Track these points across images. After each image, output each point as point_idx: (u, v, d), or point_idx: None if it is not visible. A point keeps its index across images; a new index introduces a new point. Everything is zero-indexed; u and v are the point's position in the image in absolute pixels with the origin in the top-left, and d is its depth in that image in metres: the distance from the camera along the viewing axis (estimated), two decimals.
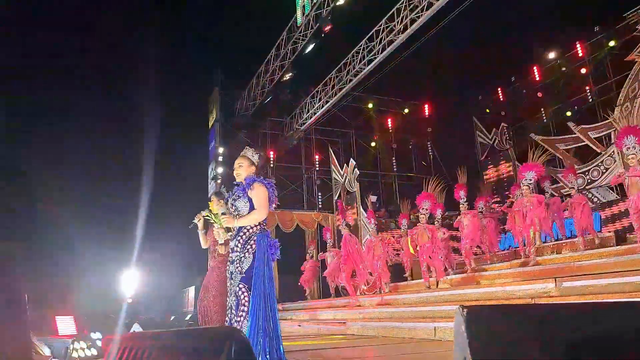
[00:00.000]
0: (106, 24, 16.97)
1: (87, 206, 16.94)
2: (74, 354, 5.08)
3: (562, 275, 6.02)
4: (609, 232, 9.40)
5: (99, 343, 5.43)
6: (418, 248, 8.40)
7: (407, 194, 16.45)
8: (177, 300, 18.01)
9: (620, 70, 13.55)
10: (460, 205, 8.46)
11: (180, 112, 18.52)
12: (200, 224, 4.85)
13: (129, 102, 17.72)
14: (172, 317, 12.00)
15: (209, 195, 6.93)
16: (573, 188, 8.53)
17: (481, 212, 9.43)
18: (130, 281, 16.70)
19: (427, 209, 8.51)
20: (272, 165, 15.80)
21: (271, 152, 15.95)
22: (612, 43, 13.88)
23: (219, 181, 15.06)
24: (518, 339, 1.07)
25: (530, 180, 7.73)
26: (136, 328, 5.55)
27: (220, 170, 15.25)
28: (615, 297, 4.58)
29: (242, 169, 3.53)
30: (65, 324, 6.29)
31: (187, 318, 11.84)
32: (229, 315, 3.38)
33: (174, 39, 18.55)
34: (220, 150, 15.48)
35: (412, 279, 10.13)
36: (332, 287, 11.23)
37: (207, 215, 4.91)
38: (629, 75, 13.08)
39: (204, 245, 4.95)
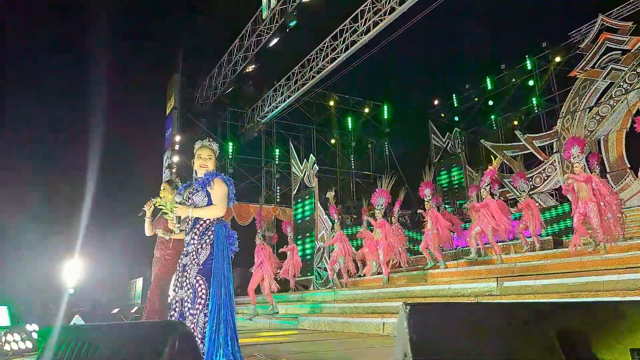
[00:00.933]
0: None
1: (28, 191, 16.08)
2: (6, 347, 4.82)
3: (504, 276, 6.44)
4: (548, 236, 10.06)
5: (34, 335, 5.21)
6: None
7: (364, 191, 16.83)
8: (124, 292, 17.45)
9: (564, 85, 14.50)
10: (426, 203, 8.65)
11: (136, 95, 17.88)
12: (149, 212, 4.75)
13: (79, 82, 16.90)
14: (117, 310, 11.62)
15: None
16: (524, 192, 8.98)
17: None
18: (73, 271, 16.01)
19: (382, 205, 8.72)
20: (230, 157, 15.62)
21: (230, 144, 15.75)
22: (557, 59, 14.82)
23: (173, 170, 14.70)
24: (454, 334, 1.20)
25: (488, 184, 8.10)
26: (77, 320, 5.36)
27: (175, 159, 14.88)
28: (550, 297, 4.97)
29: (211, 161, 3.47)
30: None
31: (133, 311, 11.50)
32: (180, 309, 3.35)
33: (135, 19, 17.82)
34: (177, 138, 15.10)
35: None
36: (293, 282, 11.24)
37: (160, 204, 4.83)
38: (571, 90, 14.01)
39: (147, 233, 4.81)
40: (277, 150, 16.80)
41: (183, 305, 3.32)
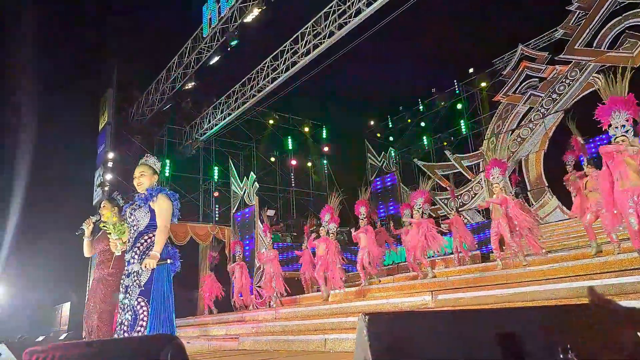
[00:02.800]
0: None
1: None
2: None
3: (438, 289, 6.76)
4: (476, 250, 10.70)
5: None
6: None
7: (305, 209, 16.96)
8: (48, 318, 16.12)
9: (489, 108, 15.66)
10: (360, 221, 8.87)
11: (67, 110, 16.88)
12: (87, 231, 4.55)
13: (6, 95, 15.73)
14: (42, 337, 10.71)
15: (99, 202, 6.44)
16: (453, 209, 9.52)
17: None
18: None
19: (327, 222, 8.85)
20: (167, 175, 15.13)
21: (167, 161, 15.27)
22: (483, 84, 16.01)
23: (106, 188, 13.98)
24: (410, 339, 1.31)
25: (420, 205, 8.48)
26: (2, 350, 4.93)
27: (108, 176, 14.16)
28: (482, 308, 5.30)
29: (145, 178, 3.41)
30: None
31: (62, 338, 10.67)
32: (120, 333, 3.23)
33: (70, 27, 16.94)
34: (110, 155, 14.40)
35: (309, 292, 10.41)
36: (239, 302, 10.96)
37: (104, 225, 4.62)
38: (495, 113, 15.17)
39: (87, 254, 4.62)
40: (216, 168, 16.52)
41: (121, 329, 3.20)
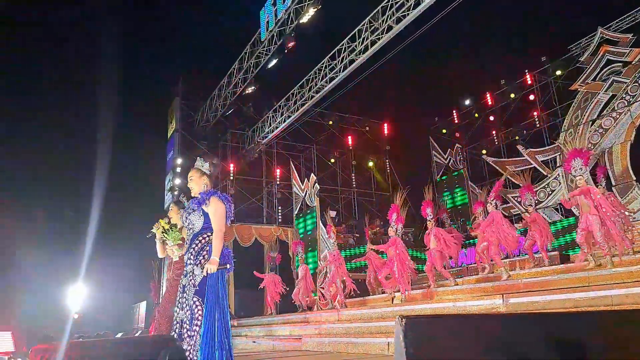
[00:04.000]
0: (66, 27, 16.44)
1: (34, 217, 16.13)
2: None
3: (510, 292, 6.27)
4: (554, 251, 9.88)
5: None
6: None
7: (367, 210, 16.72)
8: (127, 317, 17.27)
9: (565, 98, 14.46)
10: (428, 222, 8.53)
11: (138, 121, 18.10)
12: (158, 233, 4.74)
13: (84, 109, 17.14)
14: (120, 334, 11.45)
15: (168, 205, 6.75)
16: (530, 206, 8.82)
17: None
18: (77, 296, 15.89)
19: (395, 222, 8.56)
20: (231, 178, 15.61)
21: (231, 165, 15.77)
22: (558, 72, 14.82)
23: (175, 192, 14.73)
24: (449, 344, 1.13)
25: (494, 199, 7.98)
26: None
27: (177, 181, 14.92)
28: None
29: (193, 182, 3.51)
30: (2, 340, 5.90)
31: (137, 334, 11.35)
32: (180, 330, 3.28)
33: (137, 46, 18.18)
34: (179, 161, 15.17)
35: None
36: (306, 302, 10.99)
37: (164, 233, 4.81)
38: (573, 103, 13.98)
39: (160, 255, 4.84)
40: (277, 170, 16.79)
41: (182, 327, 3.28)
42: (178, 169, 15.03)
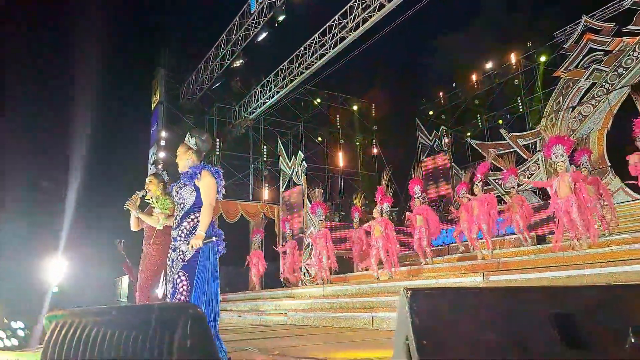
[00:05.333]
0: None
1: (10, 187, 15.78)
2: None
3: (490, 270, 6.56)
4: (531, 232, 10.23)
5: (20, 333, 5.12)
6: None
7: (353, 189, 16.90)
8: (110, 291, 17.23)
9: (548, 84, 14.74)
10: (416, 200, 8.70)
11: (121, 91, 17.62)
12: (134, 206, 4.69)
13: (63, 78, 16.64)
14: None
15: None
16: (513, 188, 9.08)
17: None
18: (57, 269, 15.73)
19: (380, 202, 8.71)
20: (217, 153, 15.52)
21: (218, 140, 15.65)
22: (542, 58, 15.05)
23: (159, 166, 14.57)
24: (453, 316, 1.24)
25: (480, 181, 8.20)
26: None
27: (162, 154, 14.74)
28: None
29: (179, 158, 3.43)
30: None
31: None
32: None
33: (120, 13, 17.57)
34: (163, 134, 14.94)
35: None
36: (293, 278, 11.19)
37: (148, 198, 4.75)
38: (555, 89, 14.27)
39: (133, 228, 4.72)
40: (264, 147, 16.75)
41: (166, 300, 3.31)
42: (162, 142, 14.82)
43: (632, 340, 1.13)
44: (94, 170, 16.92)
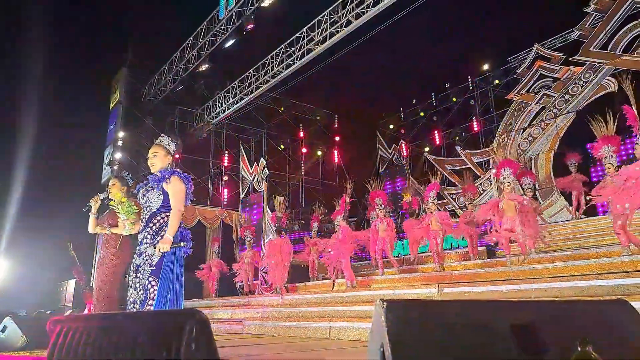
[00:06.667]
0: None
1: None
2: None
3: (444, 282, 6.81)
4: (482, 246, 10.69)
5: None
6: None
7: (313, 197, 17.01)
8: (54, 295, 16.36)
9: (501, 106, 15.56)
10: (378, 211, 8.91)
11: (78, 88, 16.93)
12: (94, 208, 4.60)
13: (13, 69, 15.81)
14: (48, 312, 10.92)
15: (108, 180, 6.49)
16: (471, 204, 9.49)
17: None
18: None
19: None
20: (176, 156, 15.19)
21: (178, 141, 15.29)
22: (496, 81, 15.89)
23: (115, 167, 14.11)
24: (427, 327, 1.36)
25: (434, 197, 8.51)
26: (8, 324, 5.02)
27: (118, 155, 14.28)
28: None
29: (157, 159, 3.42)
30: None
31: (67, 314, 10.85)
32: (131, 310, 3.27)
33: (82, 6, 16.95)
34: (121, 134, 14.49)
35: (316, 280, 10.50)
36: (247, 286, 11.09)
37: (113, 205, 4.67)
38: (508, 111, 15.08)
39: (91, 230, 4.66)
40: (226, 152, 16.58)
41: (134, 308, 3.24)
42: (119, 143, 14.36)
43: (579, 348, 1.29)
44: (42, 168, 16.14)
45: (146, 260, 3.29)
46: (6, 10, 15.48)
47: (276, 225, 10.15)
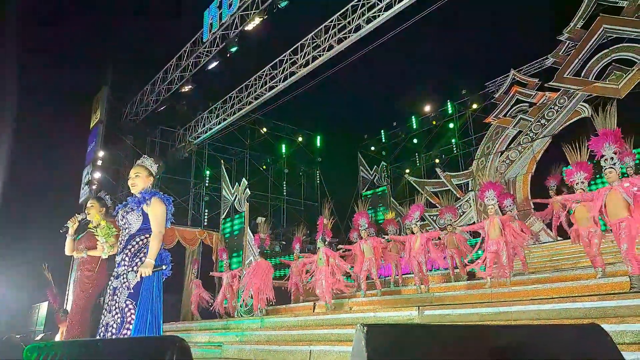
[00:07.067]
0: None
1: None
2: None
3: (424, 304, 6.83)
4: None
5: None
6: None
7: (295, 218, 16.96)
8: (24, 318, 15.78)
9: (480, 129, 15.94)
10: (362, 231, 8.93)
11: (57, 106, 16.73)
12: (71, 229, 4.54)
13: None
14: (18, 336, 10.52)
15: (86, 200, 6.40)
16: (450, 225, 9.60)
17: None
18: None
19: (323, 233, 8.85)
20: (157, 176, 15.04)
21: (161, 162, 15.16)
22: (474, 105, 16.31)
23: (94, 187, 13.86)
24: (406, 351, 1.36)
25: (417, 219, 8.58)
26: None
27: (97, 175, 14.05)
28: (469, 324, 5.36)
29: (139, 179, 3.39)
30: None
31: (38, 338, 10.47)
32: (103, 334, 3.14)
33: (66, 24, 16.86)
34: (101, 154, 14.29)
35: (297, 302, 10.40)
36: (223, 309, 10.91)
37: (91, 227, 4.60)
38: (486, 134, 15.45)
39: (68, 252, 4.62)
40: (207, 172, 16.47)
41: (107, 331, 3.16)
42: (99, 162, 14.14)
43: None
44: (18, 187, 15.76)
45: (123, 283, 3.23)
46: None
47: (259, 247, 10.09)
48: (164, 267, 3.32)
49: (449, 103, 17.05)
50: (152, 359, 1.30)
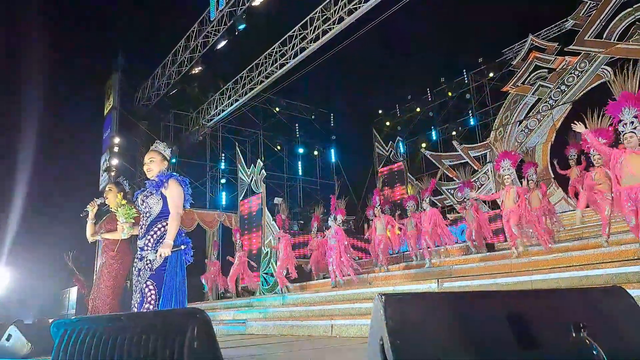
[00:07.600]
0: None
1: None
2: None
3: (443, 277, 6.82)
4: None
5: None
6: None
7: (312, 197, 17.01)
8: (56, 303, 16.37)
9: (497, 99, 15.55)
10: (375, 210, 8.97)
11: (72, 94, 16.91)
12: (91, 213, 4.59)
13: (10, 79, 15.78)
14: (51, 320, 10.94)
15: (105, 185, 6.49)
16: (468, 199, 9.49)
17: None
18: None
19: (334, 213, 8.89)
20: (173, 160, 15.21)
21: (173, 147, 15.30)
22: (491, 74, 15.86)
23: (112, 173, 14.08)
24: (425, 320, 1.36)
25: (429, 196, 8.58)
26: (13, 332, 5.02)
27: (114, 161, 14.25)
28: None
29: (154, 164, 3.39)
30: None
31: None
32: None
33: (73, 14, 16.91)
34: (116, 140, 14.46)
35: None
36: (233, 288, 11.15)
37: (113, 208, 4.66)
38: (504, 104, 15.08)
39: (89, 236, 4.66)
40: (222, 155, 16.55)
41: (130, 310, 3.25)
42: (115, 149, 14.33)
43: (573, 334, 1.29)
44: (41, 177, 16.13)
45: (146, 264, 3.28)
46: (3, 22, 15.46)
47: (280, 228, 10.23)
48: (182, 246, 3.34)
49: (464, 73, 16.61)
50: (176, 330, 1.32)
